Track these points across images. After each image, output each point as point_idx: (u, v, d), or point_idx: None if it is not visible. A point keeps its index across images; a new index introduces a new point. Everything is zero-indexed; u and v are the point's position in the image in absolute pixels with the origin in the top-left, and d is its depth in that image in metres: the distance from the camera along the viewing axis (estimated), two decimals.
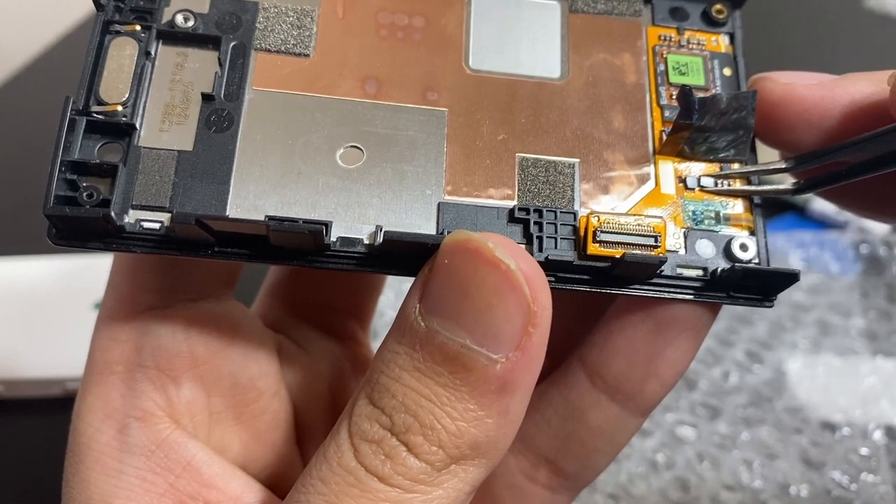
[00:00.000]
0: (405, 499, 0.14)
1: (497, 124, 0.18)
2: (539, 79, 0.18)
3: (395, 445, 0.14)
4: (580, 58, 0.19)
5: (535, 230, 0.16)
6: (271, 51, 0.17)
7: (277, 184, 0.16)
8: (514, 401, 0.14)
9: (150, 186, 0.16)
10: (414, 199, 0.17)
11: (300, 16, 0.18)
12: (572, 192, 0.17)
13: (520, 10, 0.19)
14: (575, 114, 0.18)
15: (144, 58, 0.17)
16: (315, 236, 0.15)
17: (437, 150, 0.17)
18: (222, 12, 0.17)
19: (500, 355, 0.14)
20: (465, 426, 0.14)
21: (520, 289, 0.14)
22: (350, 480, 0.14)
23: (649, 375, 0.18)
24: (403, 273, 0.16)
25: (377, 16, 0.18)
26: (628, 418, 0.19)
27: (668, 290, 0.17)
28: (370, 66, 0.18)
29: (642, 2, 0.19)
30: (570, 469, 0.19)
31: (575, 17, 0.19)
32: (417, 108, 0.17)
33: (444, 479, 0.14)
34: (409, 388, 0.14)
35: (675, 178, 0.18)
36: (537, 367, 0.14)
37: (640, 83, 0.18)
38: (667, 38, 0.19)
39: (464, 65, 0.18)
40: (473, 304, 0.14)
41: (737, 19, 0.19)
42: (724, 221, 0.17)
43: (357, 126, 0.17)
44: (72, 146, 0.16)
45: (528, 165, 0.17)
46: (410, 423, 0.14)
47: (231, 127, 0.17)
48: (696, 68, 0.19)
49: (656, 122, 0.18)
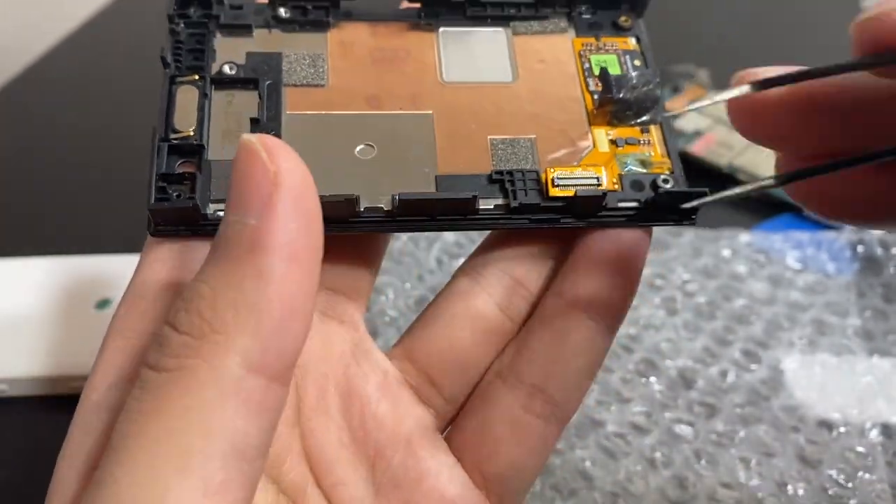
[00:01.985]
0: (165, 379, 0.15)
1: (470, 118, 0.23)
2: (497, 83, 0.24)
3: (166, 329, 0.16)
4: (525, 65, 0.25)
5: (509, 186, 0.22)
6: (297, 85, 0.23)
7: (315, 176, 0.20)
8: (270, 262, 0.15)
9: (221, 186, 0.21)
10: (417, 177, 0.22)
11: (314, 58, 0.24)
12: (533, 158, 0.23)
13: (475, 37, 0.25)
14: (527, 104, 0.24)
15: (204, 98, 0.22)
16: (348, 203, 0.20)
17: (429, 141, 0.23)
18: (256, 62, 0.24)
19: (251, 219, 0.16)
20: (223, 291, 0.15)
21: (259, 157, 0.16)
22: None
23: (614, 289, 0.22)
24: (414, 228, 0.22)
25: (371, 53, 0.24)
26: (604, 335, 0.22)
27: (615, 217, 0.22)
28: (371, 87, 0.24)
29: (567, 21, 0.25)
30: (558, 395, 0.22)
31: (518, 38, 0.25)
32: (410, 113, 0.23)
33: (206, 349, 0.15)
34: (196, 279, 0.16)
35: (607, 140, 0.23)
36: (292, 226, 0.16)
37: (573, 77, 0.24)
38: (588, 44, 0.25)
39: (439, 79, 0.24)
40: (233, 186, 0.16)
41: (641, 25, 0.25)
42: (650, 166, 0.23)
43: (367, 130, 0.23)
44: (160, 165, 0.21)
45: (497, 144, 0.23)
46: (179, 305, 0.16)
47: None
48: (612, 62, 0.25)
49: (588, 104, 0.24)
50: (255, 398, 0.15)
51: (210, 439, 0.15)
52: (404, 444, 0.22)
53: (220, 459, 0.15)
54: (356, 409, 0.22)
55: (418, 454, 0.22)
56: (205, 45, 0.23)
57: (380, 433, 0.22)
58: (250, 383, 0.15)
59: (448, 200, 0.21)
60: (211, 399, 0.15)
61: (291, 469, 0.21)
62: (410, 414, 0.23)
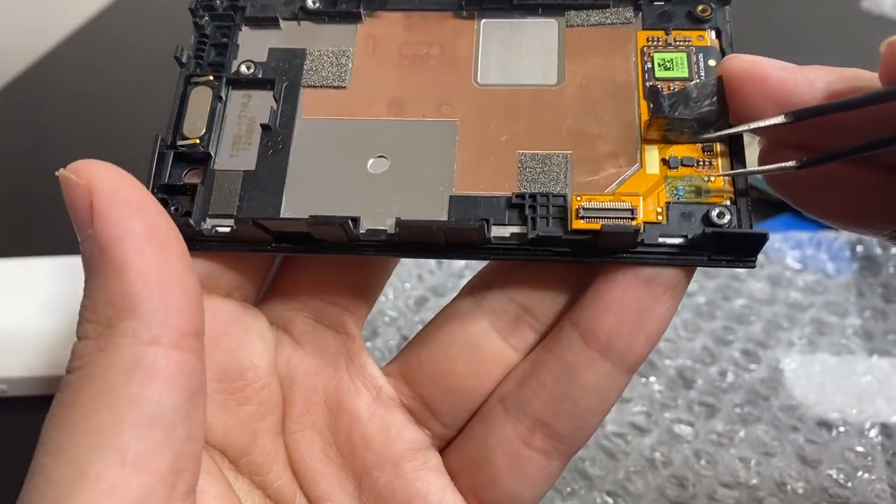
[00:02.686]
0: (76, 376, 0.17)
1: (501, 128, 0.20)
2: (538, 86, 0.21)
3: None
4: (575, 65, 0.21)
5: (530, 213, 0.19)
6: (316, 86, 0.22)
7: (321, 191, 0.20)
8: (117, 253, 0.17)
9: (221, 199, 0.20)
10: (430, 196, 0.20)
11: (338, 56, 0.22)
12: (565, 179, 0.19)
13: (521, 30, 0.22)
14: (570, 113, 0.20)
15: (218, 101, 0.21)
16: (345, 228, 0.19)
17: (449, 154, 0.20)
18: (278, 59, 0.22)
19: (88, 231, 0.17)
20: (96, 295, 0.17)
21: (70, 181, 0.17)
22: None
23: (638, 331, 0.19)
24: (418, 255, 0.20)
25: (401, 49, 0.22)
26: (618, 375, 0.20)
27: (652, 256, 0.18)
28: (394, 90, 0.21)
29: (633, 11, 0.21)
30: (564, 431, 0.20)
31: (570, 31, 0.22)
32: (433, 121, 0.21)
33: (102, 343, 0.17)
34: (82, 300, 0.18)
35: (659, 160, 0.19)
36: (121, 216, 0.17)
37: (630, 81, 0.21)
38: (655, 39, 0.21)
39: (472, 81, 0.21)
40: (70, 215, 0.17)
41: (725, 14, 0.21)
42: (706, 194, 0.19)
43: (383, 140, 0.21)
44: (163, 172, 0.20)
45: (526, 160, 0.20)
46: (78, 322, 0.18)
47: (284, 149, 0.21)
48: (680, 62, 0.20)
49: (643, 114, 0.20)
50: (157, 368, 0.16)
51: (119, 413, 0.16)
52: (392, 466, 0.22)
53: (132, 430, 0.16)
54: (344, 426, 0.22)
55: (407, 476, 0.22)
56: (229, 40, 0.22)
57: (367, 452, 0.22)
58: (149, 356, 0.16)
59: (453, 230, 0.19)
60: (115, 379, 0.16)
61: (278, 478, 0.21)
62: (402, 435, 0.22)
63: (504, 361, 0.21)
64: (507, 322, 0.21)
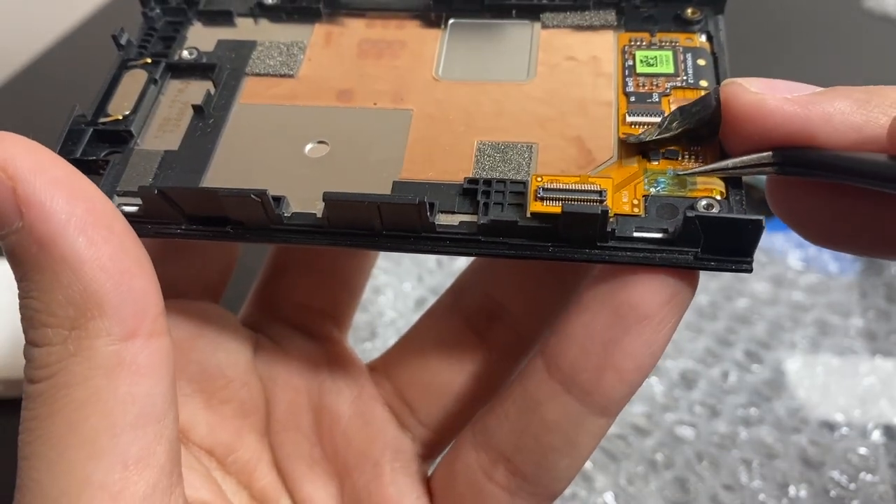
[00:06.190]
0: (45, 386, 0.16)
1: (460, 120, 0.19)
2: (505, 81, 0.20)
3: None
4: (547, 62, 0.20)
5: (483, 198, 0.16)
6: (260, 74, 0.20)
7: (249, 173, 0.18)
8: (64, 245, 0.15)
9: (133, 177, 0.18)
10: (373, 182, 0.18)
11: (289, 46, 0.21)
12: (528, 168, 0.17)
13: (491, 30, 0.21)
14: (539, 106, 0.19)
15: (152, 84, 0.20)
16: (264, 206, 0.16)
17: (399, 142, 0.18)
18: (224, 49, 0.21)
19: (16, 224, 0.15)
20: (48, 295, 0.15)
21: None
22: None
23: (606, 367, 0.16)
24: (351, 244, 0.17)
25: (360, 44, 0.21)
26: (587, 416, 0.17)
27: (628, 252, 0.16)
28: (347, 81, 0.20)
29: (615, 14, 0.20)
30: (527, 469, 0.18)
31: (546, 32, 0.21)
32: (384, 109, 0.19)
33: (73, 348, 0.15)
34: (22, 297, 0.16)
35: (637, 154, 0.17)
36: (55, 201, 0.15)
37: (608, 75, 0.19)
38: (638, 40, 0.20)
39: (433, 74, 0.20)
40: None
41: (718, 23, 0.19)
42: (692, 186, 0.16)
43: (326, 126, 0.19)
44: (76, 149, 0.19)
45: (485, 149, 0.18)
46: (25, 326, 0.16)
47: (214, 132, 0.19)
48: (664, 59, 0.19)
49: (621, 107, 0.18)
50: (141, 363, 0.15)
51: (111, 417, 0.15)
52: (372, 466, 0.21)
53: (130, 431, 0.15)
54: (326, 425, 0.22)
55: (383, 479, 0.21)
56: (178, 34, 0.21)
57: (348, 451, 0.22)
58: (130, 351, 0.15)
59: (389, 207, 0.16)
60: (99, 383, 0.15)
61: (262, 477, 0.21)
62: (383, 435, 0.22)
63: (478, 359, 0.21)
64: (482, 319, 0.21)
